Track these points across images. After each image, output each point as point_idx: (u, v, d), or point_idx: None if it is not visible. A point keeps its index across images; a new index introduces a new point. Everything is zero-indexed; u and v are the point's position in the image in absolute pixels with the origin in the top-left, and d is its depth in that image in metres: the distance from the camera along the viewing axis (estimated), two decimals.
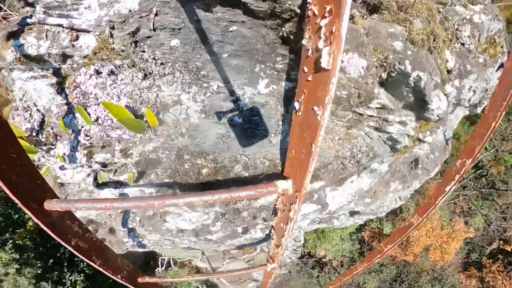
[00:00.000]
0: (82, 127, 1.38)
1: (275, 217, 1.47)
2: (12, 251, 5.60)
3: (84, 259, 1.20)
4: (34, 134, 1.45)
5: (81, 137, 1.35)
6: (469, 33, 1.75)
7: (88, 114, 1.29)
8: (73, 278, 6.74)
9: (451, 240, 11.27)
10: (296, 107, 0.99)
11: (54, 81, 1.33)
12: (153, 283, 1.88)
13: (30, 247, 6.05)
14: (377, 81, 1.22)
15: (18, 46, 1.24)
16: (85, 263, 7.02)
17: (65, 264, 6.80)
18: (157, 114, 1.21)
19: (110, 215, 1.81)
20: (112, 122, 1.29)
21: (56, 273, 6.60)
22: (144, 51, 1.16)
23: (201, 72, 1.21)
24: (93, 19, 1.14)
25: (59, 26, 1.20)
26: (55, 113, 1.39)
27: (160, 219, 1.56)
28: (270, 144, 1.34)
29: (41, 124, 1.48)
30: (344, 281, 3.64)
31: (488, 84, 2.29)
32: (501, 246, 13.31)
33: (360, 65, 1.18)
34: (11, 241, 5.71)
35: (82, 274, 6.90)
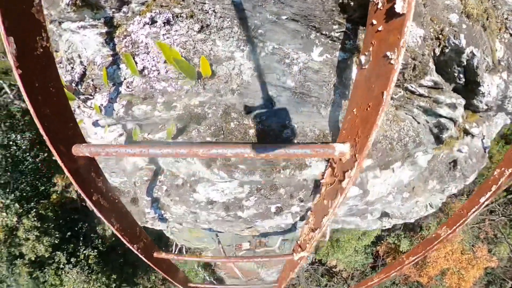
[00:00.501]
0: (125, 79, 1.45)
1: (316, 196, 1.49)
2: (35, 219, 6.65)
3: (103, 219, 1.18)
4: (74, 85, 1.52)
5: (122, 88, 1.41)
6: None
7: (135, 64, 1.36)
8: (87, 253, 7.75)
9: (471, 267, 11.05)
10: (362, 61, 1.05)
11: (104, 31, 1.41)
12: (165, 261, 1.86)
13: (51, 218, 7.13)
14: (432, 55, 1.29)
15: None
16: (100, 240, 8.01)
17: (81, 239, 7.87)
18: (210, 66, 1.27)
19: (135, 184, 1.83)
20: (159, 74, 1.35)
21: (72, 246, 7.70)
22: (205, 3, 1.25)
23: (259, 31, 1.28)
24: None
25: None
26: (99, 64, 1.46)
27: (190, 189, 1.58)
28: (320, 116, 1.39)
29: (82, 77, 1.54)
30: None
31: None
32: None
33: (418, 35, 1.26)
34: (35, 210, 6.78)
35: (96, 250, 7.85)
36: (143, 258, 1.53)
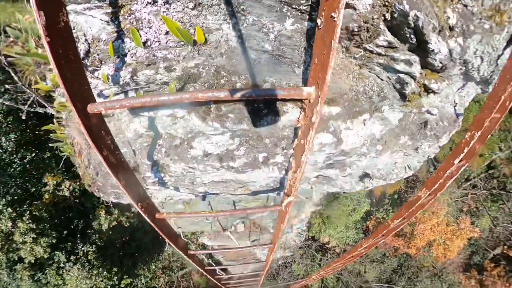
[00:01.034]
0: (129, 51, 1.87)
1: (295, 141, 1.94)
2: (29, 222, 7.00)
3: (110, 173, 1.48)
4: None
5: (127, 59, 1.83)
6: None
7: (140, 36, 1.79)
8: (85, 249, 8.25)
9: (455, 238, 12.94)
10: (319, 23, 1.50)
11: (110, 11, 1.83)
12: (166, 225, 2.25)
13: (46, 218, 7.50)
14: (382, 19, 1.76)
15: None
16: (97, 235, 8.53)
17: (78, 236, 8.37)
18: (203, 34, 1.71)
19: (135, 153, 2.24)
20: (160, 44, 1.78)
21: (70, 244, 8.19)
22: None
23: (241, 7, 1.72)
24: None
25: None
26: (104, 40, 1.87)
27: (187, 146, 1.99)
28: (294, 74, 1.83)
29: (87, 53, 1.95)
30: (350, 258, 3.99)
31: (497, 52, 2.86)
32: (505, 252, 15.24)
33: (367, 3, 1.70)
34: (29, 212, 7.11)
35: (94, 246, 8.36)
36: (146, 219, 1.84)
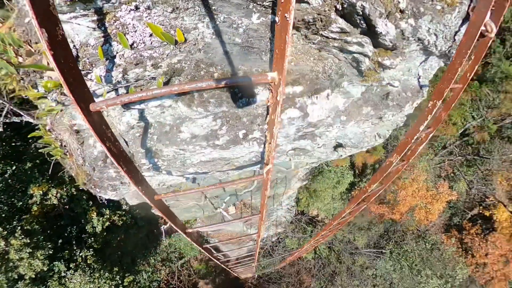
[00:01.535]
0: (117, 53, 2.33)
1: (268, 116, 2.49)
2: (22, 237, 7.31)
3: (114, 162, 1.90)
4: None
5: (117, 60, 2.30)
6: None
7: (127, 40, 2.25)
8: (83, 254, 8.89)
9: (435, 201, 15.27)
10: (276, 20, 2.02)
11: (95, 18, 2.27)
12: (164, 206, 2.80)
13: (39, 231, 7.89)
14: (334, 10, 2.29)
15: None
16: (93, 239, 9.07)
17: (74, 242, 8.94)
18: (183, 34, 2.19)
19: (127, 144, 2.74)
20: (145, 45, 2.24)
21: (67, 252, 8.71)
22: None
23: (213, 7, 2.20)
24: None
25: None
26: (93, 44, 2.32)
27: (176, 131, 2.50)
28: (262, 61, 2.35)
29: (76, 58, 2.41)
30: (335, 225, 4.71)
31: (452, 29, 3.48)
32: (481, 212, 18.10)
33: None
34: (20, 228, 7.40)
35: (91, 249, 8.97)
36: (146, 200, 2.35)
